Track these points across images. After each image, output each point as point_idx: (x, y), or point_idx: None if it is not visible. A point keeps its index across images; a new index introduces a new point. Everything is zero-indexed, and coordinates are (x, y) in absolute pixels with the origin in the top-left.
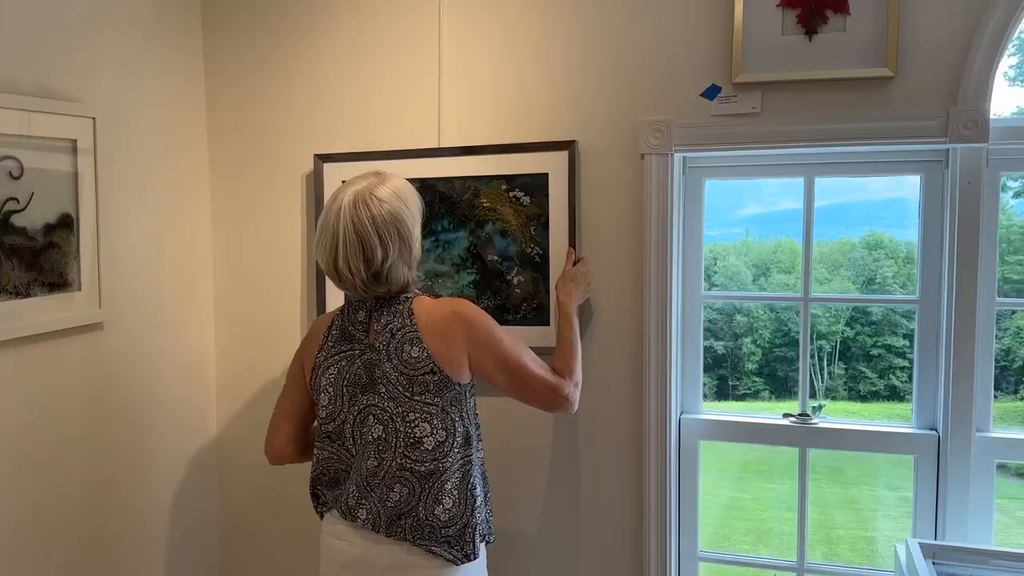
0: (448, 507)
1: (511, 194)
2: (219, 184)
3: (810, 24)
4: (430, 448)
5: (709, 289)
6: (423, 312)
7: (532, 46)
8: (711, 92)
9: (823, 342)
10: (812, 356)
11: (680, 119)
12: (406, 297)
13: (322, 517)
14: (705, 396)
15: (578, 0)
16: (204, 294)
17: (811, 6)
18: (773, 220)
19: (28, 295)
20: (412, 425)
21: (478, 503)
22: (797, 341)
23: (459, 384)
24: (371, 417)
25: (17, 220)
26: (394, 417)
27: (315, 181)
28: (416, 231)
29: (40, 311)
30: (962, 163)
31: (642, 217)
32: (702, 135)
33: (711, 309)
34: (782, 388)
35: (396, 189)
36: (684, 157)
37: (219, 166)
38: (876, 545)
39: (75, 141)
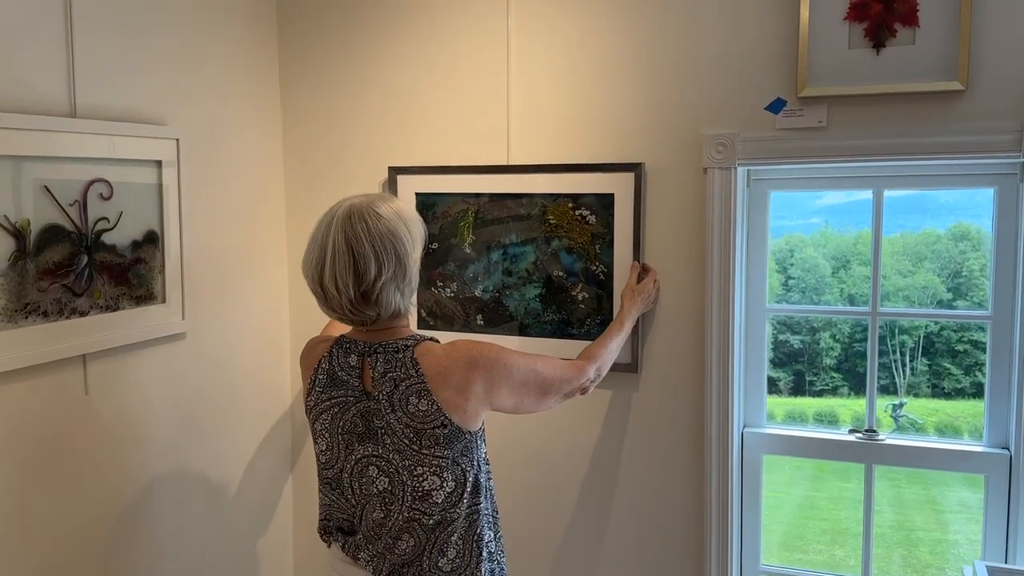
0: (452, 557)
1: (577, 212)
2: (294, 196)
3: (878, 37)
4: (439, 501)
5: (785, 283)
6: (432, 363)
7: (596, 63)
8: (776, 106)
9: (906, 337)
10: (893, 352)
11: (743, 133)
12: (406, 345)
13: (329, 545)
14: (780, 392)
15: (642, 17)
16: (280, 303)
17: (879, 19)
18: (854, 210)
19: (117, 308)
20: (420, 479)
21: (484, 555)
22: (879, 336)
23: (470, 433)
24: (373, 468)
25: (107, 239)
26: (400, 470)
27: (389, 192)
28: (414, 255)
29: (128, 324)
30: None
31: (704, 231)
32: (766, 149)
33: (787, 303)
34: (861, 385)
35: (398, 209)
36: (748, 170)
37: (294, 178)
38: (960, 549)
39: (160, 162)
